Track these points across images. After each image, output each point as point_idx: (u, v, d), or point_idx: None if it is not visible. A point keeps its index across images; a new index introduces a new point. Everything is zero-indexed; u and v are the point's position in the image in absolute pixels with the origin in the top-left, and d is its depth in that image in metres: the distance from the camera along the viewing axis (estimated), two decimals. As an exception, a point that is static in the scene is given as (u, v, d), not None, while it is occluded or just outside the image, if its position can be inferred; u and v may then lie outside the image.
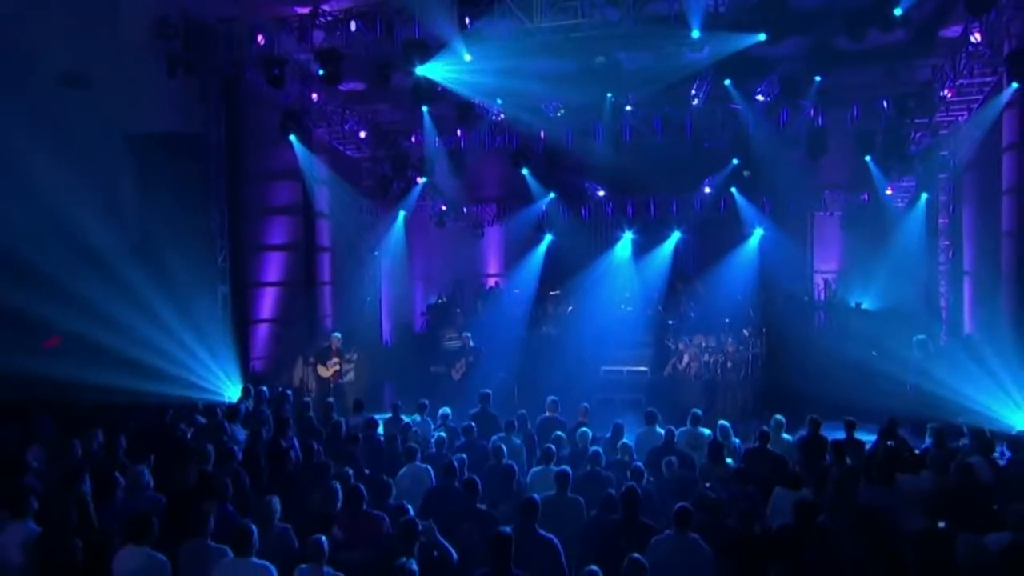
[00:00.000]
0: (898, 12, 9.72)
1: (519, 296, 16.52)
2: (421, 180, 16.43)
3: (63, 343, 11.11)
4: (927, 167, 13.94)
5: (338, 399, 11.72)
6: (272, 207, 14.88)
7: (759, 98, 13.10)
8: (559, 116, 14.14)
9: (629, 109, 13.89)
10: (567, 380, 12.54)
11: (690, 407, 10.05)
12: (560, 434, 8.32)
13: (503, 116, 14.51)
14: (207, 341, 12.27)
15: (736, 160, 14.93)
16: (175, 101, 12.53)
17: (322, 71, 11.67)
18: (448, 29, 10.76)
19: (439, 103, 12.96)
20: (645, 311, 15.27)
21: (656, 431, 8.66)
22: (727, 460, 7.88)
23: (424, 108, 13.66)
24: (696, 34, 10.38)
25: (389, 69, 11.83)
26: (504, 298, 16.81)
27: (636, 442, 8.49)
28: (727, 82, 12.76)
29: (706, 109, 13.67)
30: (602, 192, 16.59)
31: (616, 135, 14.52)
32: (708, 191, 15.65)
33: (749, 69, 12.22)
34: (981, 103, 12.39)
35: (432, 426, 9.39)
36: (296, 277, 15.20)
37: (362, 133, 15.69)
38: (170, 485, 6.79)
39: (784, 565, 5.35)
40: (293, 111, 13.62)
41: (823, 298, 15.84)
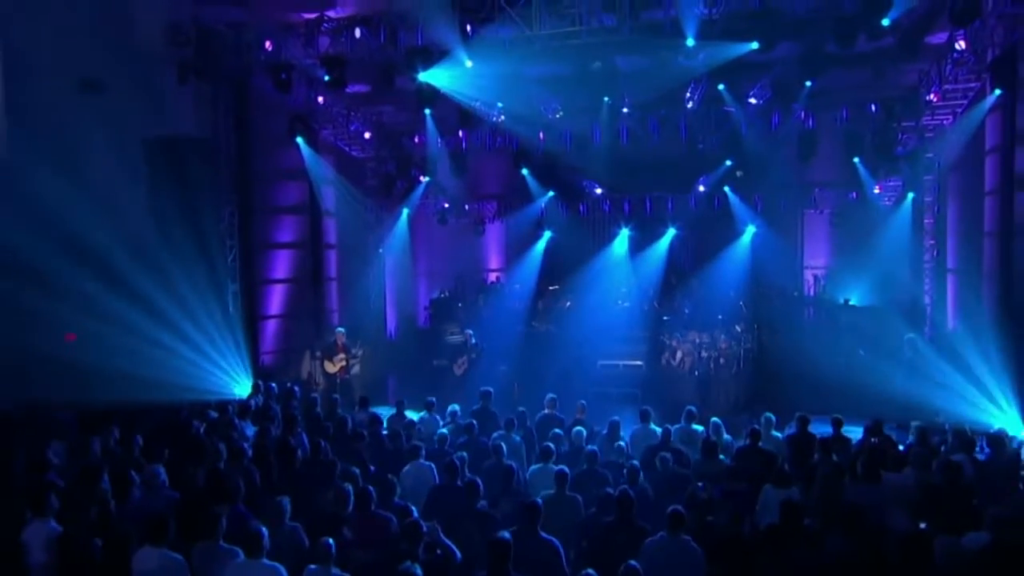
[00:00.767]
0: (886, 22, 9.87)
1: (519, 291, 16.75)
2: (424, 179, 16.78)
3: (78, 342, 11.20)
4: (913, 168, 14.09)
5: (344, 393, 12.00)
6: (280, 207, 15.12)
7: (751, 101, 13.41)
8: (558, 118, 14.37)
9: (626, 111, 14.13)
10: (565, 374, 12.82)
11: (684, 402, 10.34)
12: (558, 431, 8.44)
13: (503, 118, 14.67)
14: (219, 338, 12.43)
15: (729, 161, 15.28)
16: (186, 105, 12.67)
17: (327, 77, 11.79)
18: (450, 36, 10.92)
19: (441, 105, 13.20)
20: (641, 306, 15.52)
21: (650, 428, 8.74)
22: (720, 457, 7.93)
23: (427, 111, 13.93)
24: (691, 42, 10.52)
25: (393, 72, 11.97)
26: (504, 293, 17.07)
27: (631, 438, 8.61)
28: (720, 86, 13.09)
29: (700, 111, 13.97)
30: (599, 191, 16.86)
31: (613, 136, 14.70)
32: (702, 190, 15.90)
33: (742, 73, 12.55)
34: (965, 107, 12.56)
35: (440, 423, 9.42)
36: (304, 274, 15.50)
37: (367, 134, 15.90)
38: (184, 483, 6.80)
39: (771, 565, 5.39)
40: (300, 114, 13.85)
41: (812, 294, 16.11)
